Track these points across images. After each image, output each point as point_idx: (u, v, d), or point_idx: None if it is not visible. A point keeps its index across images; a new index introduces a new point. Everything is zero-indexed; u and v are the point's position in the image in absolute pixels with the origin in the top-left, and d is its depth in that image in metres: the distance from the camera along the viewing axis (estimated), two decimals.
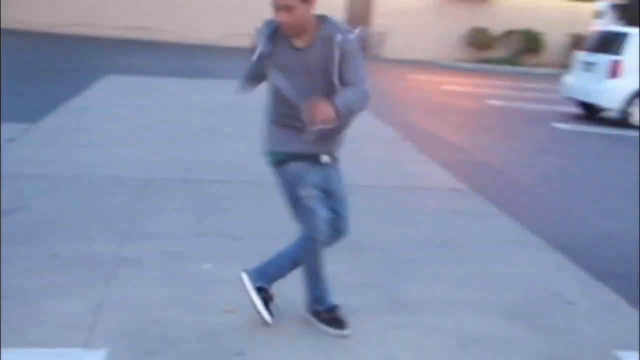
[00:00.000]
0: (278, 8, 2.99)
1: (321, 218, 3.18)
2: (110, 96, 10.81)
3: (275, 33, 3.08)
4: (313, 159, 3.20)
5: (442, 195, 6.16)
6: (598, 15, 27.57)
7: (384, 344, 3.22)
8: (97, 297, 3.45)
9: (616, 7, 23.02)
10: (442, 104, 13.68)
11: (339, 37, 3.04)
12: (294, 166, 3.17)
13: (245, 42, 3.13)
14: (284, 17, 2.99)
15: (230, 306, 3.45)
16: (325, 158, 3.27)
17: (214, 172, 6.34)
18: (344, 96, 3.06)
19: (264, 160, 3.29)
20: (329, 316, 3.33)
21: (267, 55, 3.09)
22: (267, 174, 4.14)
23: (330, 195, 3.30)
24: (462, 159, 8.03)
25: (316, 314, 3.35)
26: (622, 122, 11.95)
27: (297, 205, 3.22)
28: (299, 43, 3.09)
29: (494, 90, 16.95)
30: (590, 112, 13.04)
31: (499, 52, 27.52)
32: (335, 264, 4.13)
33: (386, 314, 3.55)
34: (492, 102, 14.47)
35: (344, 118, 3.09)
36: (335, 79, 3.08)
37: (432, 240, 4.87)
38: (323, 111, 2.95)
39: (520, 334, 3.45)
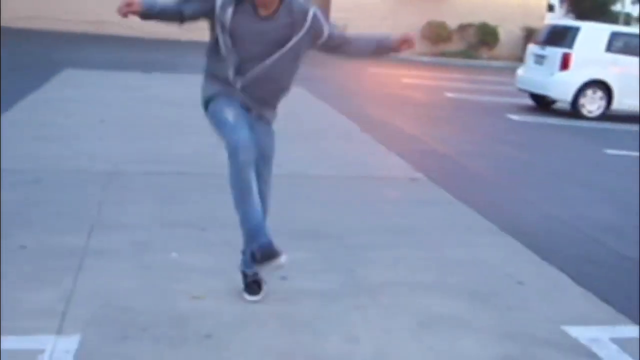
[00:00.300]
0: None
1: (232, 124, 3.26)
2: (71, 90, 10.75)
3: None
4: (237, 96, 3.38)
5: (400, 185, 6.36)
6: (550, 8, 28.26)
7: (346, 325, 3.38)
8: (67, 287, 3.53)
9: (567, 1, 23.62)
10: (401, 97, 13.93)
11: (310, 13, 3.29)
12: (218, 98, 3.38)
13: (202, 37, 3.32)
14: None
15: (198, 292, 3.58)
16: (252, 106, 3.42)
17: (177, 164, 6.42)
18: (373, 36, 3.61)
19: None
20: (249, 279, 3.55)
21: (228, 19, 3.20)
22: (223, 165, 4.26)
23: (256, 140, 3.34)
24: (420, 149, 8.25)
25: (244, 275, 3.57)
26: (573, 113, 12.36)
27: (217, 126, 3.36)
28: (263, 12, 3.23)
29: (451, 83, 17.27)
30: (543, 104, 13.43)
31: (455, 46, 27.94)
32: (297, 250, 4.30)
33: (348, 297, 3.71)
34: (449, 94, 14.77)
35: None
36: (284, 50, 3.27)
37: (391, 227, 5.05)
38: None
39: (476, 313, 3.65)
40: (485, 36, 27.92)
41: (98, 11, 25.64)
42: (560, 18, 13.55)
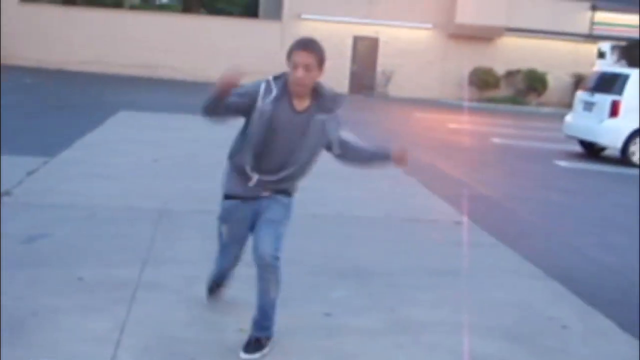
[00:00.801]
0: (298, 65, 3.28)
1: (224, 258, 3.82)
2: (123, 131, 11.16)
3: (279, 91, 3.35)
4: (249, 199, 3.55)
5: (444, 228, 6.41)
6: (600, 55, 28.05)
7: None
8: (121, 316, 3.70)
9: (617, 48, 23.47)
10: (446, 141, 14.01)
11: (338, 112, 3.49)
12: (226, 203, 3.65)
13: (251, 81, 3.53)
14: (300, 74, 3.27)
15: (245, 325, 3.69)
16: (263, 194, 3.55)
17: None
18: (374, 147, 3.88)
19: None
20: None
21: (268, 110, 3.32)
22: None
23: (259, 218, 3.52)
24: (465, 193, 8.29)
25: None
26: (622, 160, 12.23)
27: (217, 233, 3.81)
28: (298, 106, 3.38)
29: (497, 129, 17.29)
30: (592, 151, 13.34)
31: (502, 92, 27.97)
32: (341, 288, 4.41)
33: (390, 335, 3.78)
34: (495, 140, 14.79)
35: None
36: (308, 145, 3.43)
37: (434, 269, 5.11)
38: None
39: (517, 354, 3.67)
40: (534, 82, 27.90)
41: (150, 56, 26.57)
42: (611, 65, 13.48)
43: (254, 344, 3.43)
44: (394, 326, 3.91)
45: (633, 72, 12.82)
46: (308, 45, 3.34)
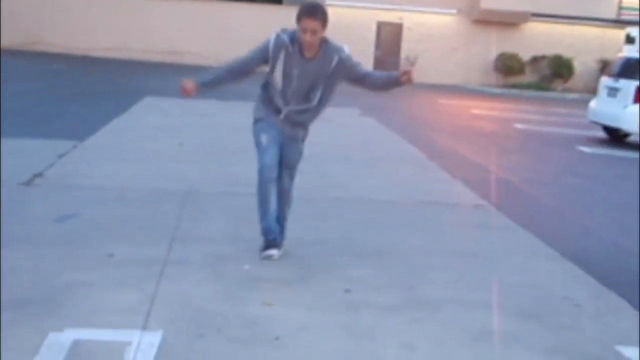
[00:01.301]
0: (306, 30, 4.09)
1: (264, 146, 4.37)
2: (151, 116, 11.39)
3: (289, 43, 4.18)
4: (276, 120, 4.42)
5: (464, 211, 6.52)
6: (629, 41, 27.66)
7: (404, 335, 3.59)
8: (150, 290, 3.88)
9: None
10: (469, 127, 14.05)
11: (335, 58, 4.24)
12: (261, 122, 4.45)
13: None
14: (309, 37, 4.11)
15: (268, 300, 3.86)
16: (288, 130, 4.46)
17: (248, 186, 6.68)
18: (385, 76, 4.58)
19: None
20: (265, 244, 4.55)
21: (276, 55, 4.19)
22: (297, 189, 4.70)
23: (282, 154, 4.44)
24: (485, 177, 8.38)
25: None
26: None
27: (255, 143, 4.46)
28: (307, 54, 4.21)
29: (521, 115, 17.27)
30: (616, 137, 13.30)
31: (527, 78, 27.79)
32: (361, 267, 4.57)
33: (407, 311, 3.92)
34: (519, 126, 14.79)
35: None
36: (321, 84, 4.28)
37: (453, 250, 5.23)
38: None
39: (530, 330, 3.79)
40: (559, 68, 27.67)
41: (174, 41, 26.80)
42: (639, 50, 13.39)
43: (273, 244, 4.50)
44: (412, 303, 4.05)
45: None
46: (314, 13, 4.11)
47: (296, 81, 4.24)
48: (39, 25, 26.46)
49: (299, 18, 4.13)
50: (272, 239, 4.54)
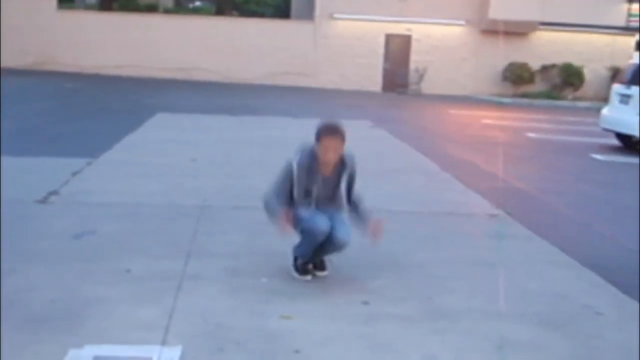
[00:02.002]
0: (329, 149, 4.25)
1: (319, 220, 4.29)
2: (164, 132, 11.44)
3: (307, 162, 4.30)
4: None
5: (479, 221, 6.49)
6: (639, 47, 27.64)
7: (425, 347, 3.56)
8: (168, 305, 3.87)
9: None
10: (481, 137, 14.02)
11: (351, 165, 4.42)
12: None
13: (284, 81, 4.20)
14: (332, 156, 4.28)
15: (286, 313, 3.84)
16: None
17: (261, 199, 6.75)
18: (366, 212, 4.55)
19: None
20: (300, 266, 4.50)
21: (304, 177, 4.30)
22: None
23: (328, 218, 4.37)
24: (499, 187, 8.35)
25: (295, 260, 4.53)
26: None
27: (302, 233, 4.43)
28: (325, 172, 4.36)
29: (533, 124, 17.23)
30: (629, 144, 13.21)
31: (537, 87, 27.75)
32: (379, 278, 4.54)
33: (426, 322, 3.89)
34: (531, 134, 14.75)
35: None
36: (339, 194, 4.42)
37: (470, 260, 5.20)
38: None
39: (552, 340, 3.75)
40: (570, 77, 27.62)
41: (185, 58, 26.97)
42: None
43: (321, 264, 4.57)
44: (431, 314, 4.02)
45: None
46: (336, 132, 4.29)
47: (316, 194, 4.38)
48: (51, 45, 26.71)
49: (321, 137, 4.27)
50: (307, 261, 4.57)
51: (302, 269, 4.52)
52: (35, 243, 4.96)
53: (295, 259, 4.55)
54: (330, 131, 4.31)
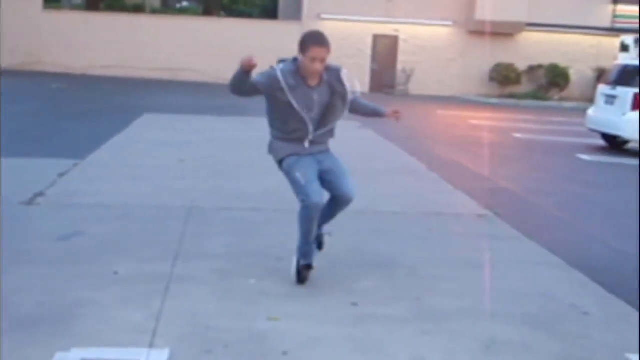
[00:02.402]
0: (316, 59, 4.12)
1: (304, 184, 4.16)
2: (149, 133, 11.39)
3: (291, 75, 4.18)
4: (303, 152, 4.32)
5: (467, 221, 6.51)
6: (624, 49, 27.79)
7: (413, 347, 3.57)
8: (156, 308, 3.86)
9: None
10: (468, 138, 14.06)
11: (341, 75, 4.31)
12: (288, 160, 4.30)
13: None
14: (318, 66, 4.14)
15: (274, 315, 3.84)
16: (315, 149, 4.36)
17: (250, 201, 6.76)
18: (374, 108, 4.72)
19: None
20: (302, 269, 4.39)
21: (290, 87, 4.15)
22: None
23: (326, 172, 4.31)
24: (487, 187, 8.37)
25: (298, 263, 4.39)
26: None
27: (291, 183, 4.28)
28: (311, 83, 4.23)
29: (519, 124, 17.30)
30: (614, 144, 13.31)
31: (524, 87, 27.87)
32: (367, 279, 4.55)
33: (416, 322, 3.90)
34: (518, 135, 14.81)
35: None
36: (332, 106, 4.31)
37: (458, 260, 5.21)
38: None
39: (540, 340, 3.77)
40: (556, 77, 27.76)
41: (172, 59, 26.87)
42: (634, 58, 13.40)
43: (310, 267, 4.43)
44: (420, 314, 4.03)
45: None
46: (323, 42, 4.17)
47: (306, 110, 4.22)
48: (38, 45, 26.53)
49: (307, 47, 4.12)
50: (309, 263, 4.42)
51: (301, 275, 4.39)
52: (22, 245, 4.92)
53: (298, 261, 4.41)
54: (317, 41, 4.15)
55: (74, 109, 15.05)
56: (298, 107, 4.19)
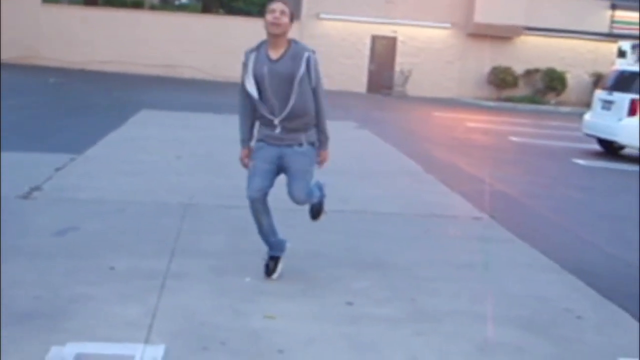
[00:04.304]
0: (275, 10, 4.06)
1: (249, 176, 4.31)
2: (146, 129, 11.39)
3: (256, 50, 4.19)
4: (273, 141, 4.28)
5: (462, 223, 6.53)
6: (621, 54, 27.94)
7: (408, 348, 3.59)
8: (152, 304, 3.87)
9: (638, 47, 23.36)
10: (464, 140, 14.10)
11: (306, 54, 4.15)
12: (256, 145, 4.38)
13: None
14: (277, 14, 4.05)
15: (270, 313, 3.85)
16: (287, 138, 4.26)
17: (246, 199, 6.74)
18: (324, 126, 4.34)
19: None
20: (269, 262, 4.47)
21: (251, 60, 4.16)
22: None
23: (284, 169, 4.31)
24: (483, 190, 8.39)
25: (268, 255, 4.49)
26: None
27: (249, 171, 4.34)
28: (273, 55, 4.15)
29: (516, 128, 17.33)
30: (610, 149, 13.35)
31: (521, 91, 27.93)
32: (363, 279, 4.56)
33: (410, 323, 3.92)
34: (514, 138, 14.85)
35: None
36: (296, 83, 4.11)
37: (453, 262, 5.23)
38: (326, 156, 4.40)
39: (533, 342, 3.79)
40: (553, 81, 27.83)
41: (170, 55, 26.85)
42: (632, 64, 13.46)
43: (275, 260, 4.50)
44: (414, 315, 4.05)
45: None
46: None
47: (269, 86, 4.13)
48: (36, 39, 26.48)
49: (267, 6, 4.16)
50: (273, 255, 4.51)
51: (268, 268, 4.48)
52: (18, 239, 4.93)
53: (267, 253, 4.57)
54: None
55: (71, 103, 15.04)
56: (255, 79, 4.15)
